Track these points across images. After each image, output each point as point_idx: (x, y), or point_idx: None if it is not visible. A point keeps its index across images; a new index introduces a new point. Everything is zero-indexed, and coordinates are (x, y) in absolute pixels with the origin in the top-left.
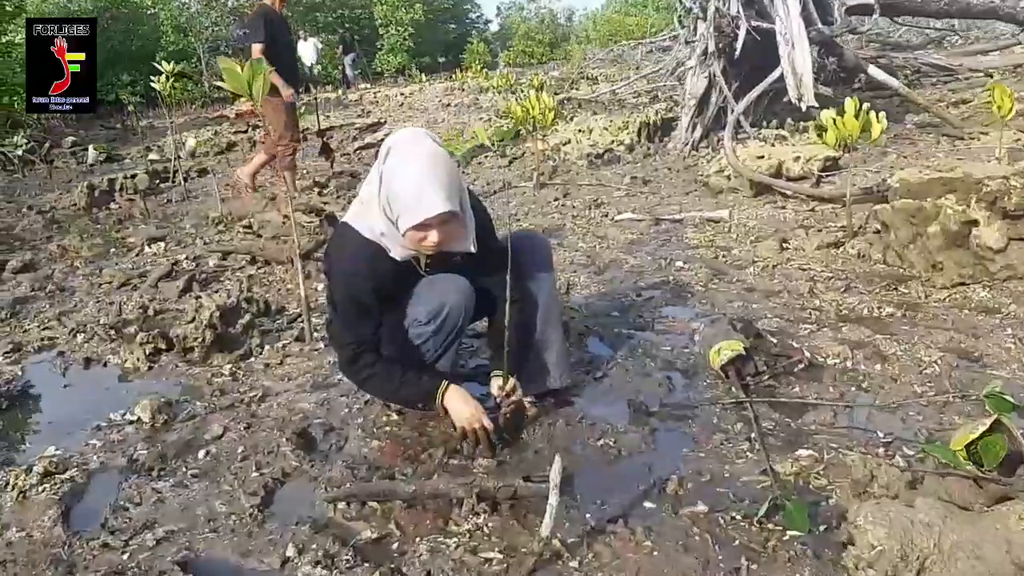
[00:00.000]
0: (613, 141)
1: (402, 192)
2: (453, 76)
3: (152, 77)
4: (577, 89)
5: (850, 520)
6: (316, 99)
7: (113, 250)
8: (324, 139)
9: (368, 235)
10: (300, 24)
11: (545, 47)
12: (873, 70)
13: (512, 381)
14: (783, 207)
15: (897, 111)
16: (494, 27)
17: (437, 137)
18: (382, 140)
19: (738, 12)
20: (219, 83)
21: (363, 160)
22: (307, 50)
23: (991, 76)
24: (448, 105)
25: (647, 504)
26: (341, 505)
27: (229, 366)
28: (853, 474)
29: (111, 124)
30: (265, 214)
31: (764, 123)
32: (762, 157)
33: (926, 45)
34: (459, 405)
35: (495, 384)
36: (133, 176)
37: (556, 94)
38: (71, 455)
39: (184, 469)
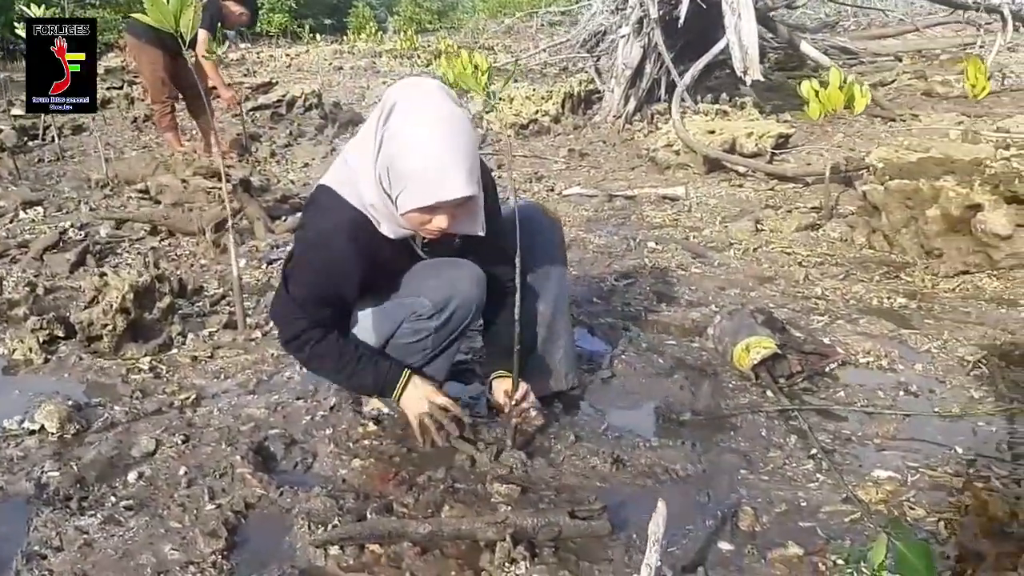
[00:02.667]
0: (538, 111)
1: (410, 167)
2: (342, 40)
3: (16, 24)
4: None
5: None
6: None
7: None
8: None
9: (355, 203)
10: None
11: (433, 15)
12: (805, 47)
13: (524, 387)
14: (740, 185)
15: None
16: None
17: (451, 91)
18: (276, 102)
19: None
20: (138, 15)
21: (257, 122)
22: None
23: (900, 60)
24: (341, 68)
25: (723, 545)
26: (334, 550)
27: (148, 359)
28: (990, 509)
29: None
30: (160, 177)
31: (699, 97)
32: (714, 132)
33: (821, 28)
34: (411, 400)
35: (499, 388)
36: None
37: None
38: None
39: (113, 498)
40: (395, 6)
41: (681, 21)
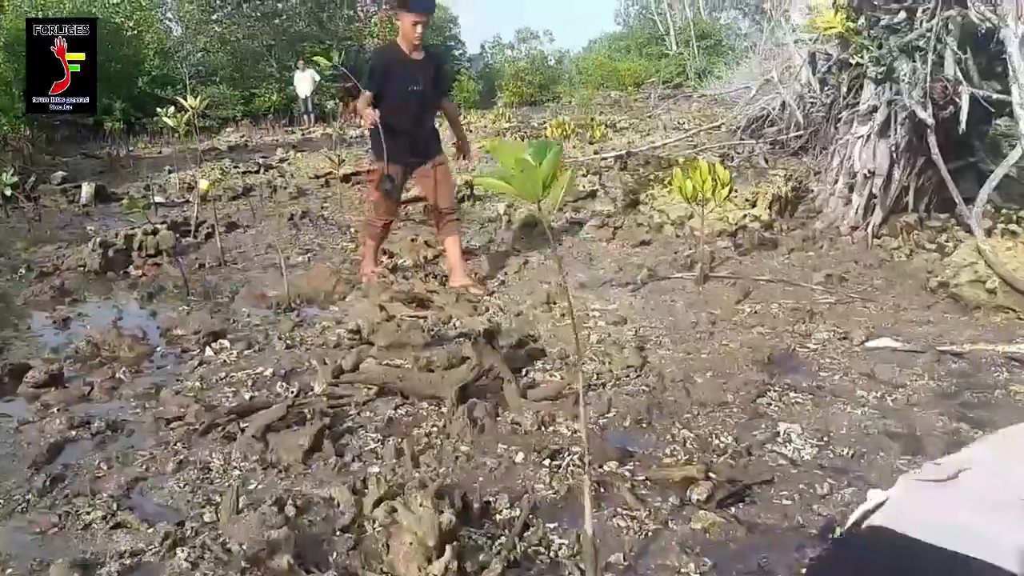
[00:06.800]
0: (745, 216)
1: None
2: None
3: (160, 110)
4: (607, 138)
5: None
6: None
7: (160, 349)
8: None
9: None
10: (292, 54)
11: (536, 88)
12: None
13: None
14: None
15: None
16: (477, 66)
17: None
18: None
19: (955, 74)
20: (484, 181)
21: (410, 215)
22: (304, 82)
23: None
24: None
25: None
26: None
27: None
28: None
29: (92, 152)
30: (354, 304)
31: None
32: None
33: None
34: None
35: None
36: (154, 232)
37: (591, 143)
38: None
39: None
40: (496, 79)
41: (962, 127)
